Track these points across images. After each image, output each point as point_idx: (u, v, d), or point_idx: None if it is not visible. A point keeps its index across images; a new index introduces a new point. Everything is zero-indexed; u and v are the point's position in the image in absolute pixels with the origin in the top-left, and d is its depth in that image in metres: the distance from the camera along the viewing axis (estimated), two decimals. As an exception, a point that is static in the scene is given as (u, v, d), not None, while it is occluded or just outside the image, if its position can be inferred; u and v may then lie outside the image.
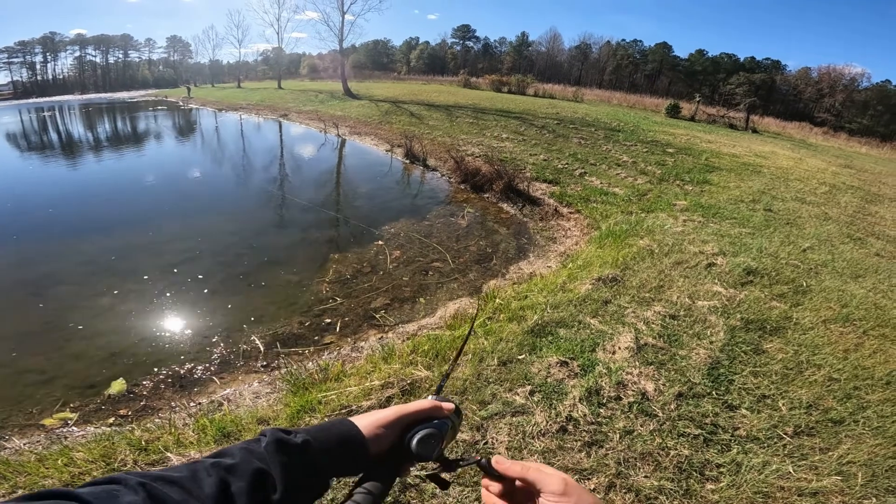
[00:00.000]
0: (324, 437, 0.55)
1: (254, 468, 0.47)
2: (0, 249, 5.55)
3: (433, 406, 0.63)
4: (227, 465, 0.46)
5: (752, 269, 4.15)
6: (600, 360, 2.61)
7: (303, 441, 0.52)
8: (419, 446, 0.58)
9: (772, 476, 1.98)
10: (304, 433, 0.54)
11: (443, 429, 0.61)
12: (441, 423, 0.62)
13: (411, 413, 0.61)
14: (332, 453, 0.54)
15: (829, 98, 48.72)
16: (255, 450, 0.50)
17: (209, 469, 0.45)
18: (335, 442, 0.55)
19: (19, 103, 43.23)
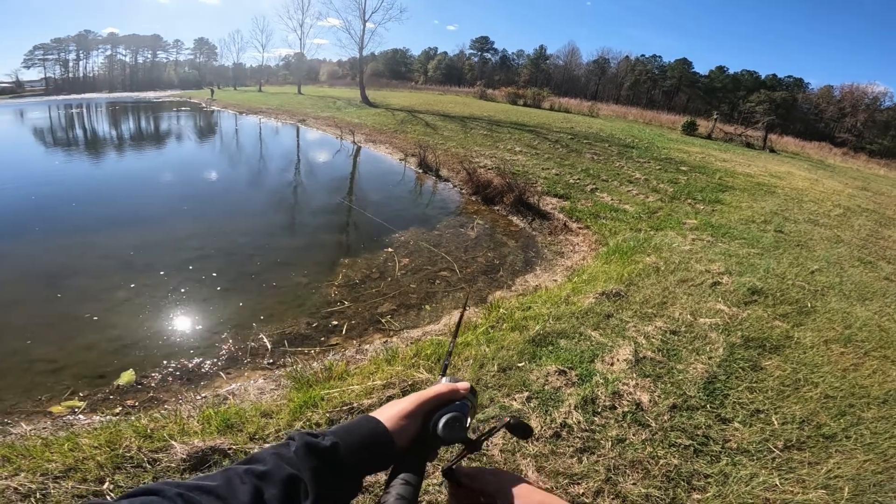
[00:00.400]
0: (351, 438, 0.55)
1: (286, 474, 0.48)
2: (22, 242, 5.79)
3: (450, 389, 0.64)
4: (259, 471, 0.47)
5: (756, 289, 4.18)
6: (598, 370, 2.68)
7: (332, 444, 0.53)
8: (446, 430, 0.59)
9: (758, 488, 2.03)
10: (331, 435, 0.55)
11: (465, 410, 0.62)
12: (461, 404, 0.63)
13: (431, 398, 0.62)
14: (360, 453, 0.55)
15: (851, 118, 48.00)
16: (285, 455, 0.51)
17: (243, 476, 0.46)
18: (363, 441, 0.56)
19: (49, 99, 44.81)
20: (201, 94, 40.65)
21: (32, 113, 27.08)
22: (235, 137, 17.72)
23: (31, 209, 7.18)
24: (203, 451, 1.87)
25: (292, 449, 0.51)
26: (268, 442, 2.02)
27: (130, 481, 1.75)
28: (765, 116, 34.40)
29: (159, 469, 1.80)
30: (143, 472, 1.79)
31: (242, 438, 2.01)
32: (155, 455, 1.85)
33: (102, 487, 1.69)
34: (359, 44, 28.17)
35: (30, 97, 53.69)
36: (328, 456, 0.52)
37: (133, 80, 73.89)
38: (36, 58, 70.09)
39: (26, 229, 6.19)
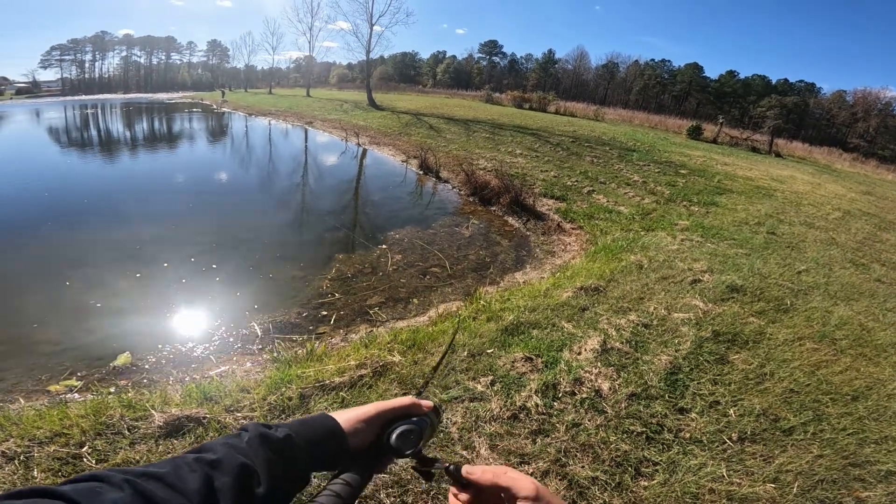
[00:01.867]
0: (305, 432, 0.56)
1: (238, 463, 0.47)
2: (36, 234, 6.05)
3: (412, 403, 0.65)
4: (210, 459, 0.47)
5: (736, 287, 4.24)
6: (564, 358, 2.78)
7: (285, 436, 0.53)
8: (398, 441, 0.59)
9: (705, 478, 2.10)
10: (285, 427, 0.55)
11: (422, 425, 0.62)
12: (420, 420, 0.63)
13: (390, 409, 0.62)
14: (313, 447, 0.55)
15: (863, 123, 47.38)
16: (237, 445, 0.50)
17: (192, 464, 0.45)
18: (316, 436, 0.56)
19: (66, 100, 45.82)
20: (213, 95, 41.35)
21: (49, 113, 27.77)
22: (245, 139, 18.05)
23: (45, 204, 7.47)
24: (180, 419, 2.01)
25: (245, 439, 0.51)
26: (241, 413, 2.16)
27: (109, 446, 1.89)
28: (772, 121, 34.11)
29: (137, 436, 1.95)
30: (122, 438, 1.94)
31: (218, 409, 2.15)
32: (135, 423, 2.00)
33: (81, 451, 1.84)
34: (366, 47, 28.53)
35: (46, 97, 54.95)
36: (281, 447, 0.52)
37: (147, 81, 75.28)
38: (53, 58, 71.66)
39: (40, 223, 6.46)
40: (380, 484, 1.90)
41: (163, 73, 78.42)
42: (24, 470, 1.76)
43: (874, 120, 47.34)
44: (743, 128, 32.21)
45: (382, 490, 1.88)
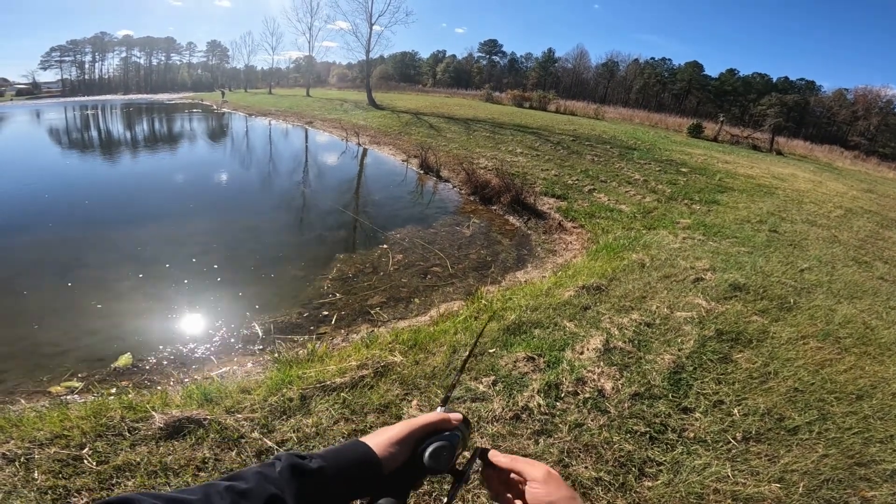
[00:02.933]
0: (338, 462, 0.55)
1: (268, 494, 0.47)
2: (37, 236, 6.05)
3: (441, 419, 0.64)
4: (241, 489, 0.46)
5: (738, 285, 4.22)
6: (566, 358, 2.76)
7: (318, 467, 0.53)
8: (431, 460, 0.58)
9: (709, 478, 2.09)
10: (319, 458, 0.54)
11: (454, 441, 0.62)
12: (452, 434, 0.63)
13: (421, 427, 0.62)
14: (347, 477, 0.54)
15: (864, 121, 47.32)
16: (269, 475, 0.50)
17: (223, 493, 0.45)
18: (351, 465, 0.55)
19: (66, 101, 45.85)
20: (213, 96, 41.33)
21: (49, 114, 27.77)
22: (245, 139, 18.04)
23: (45, 206, 7.46)
24: (180, 420, 2.00)
25: (277, 469, 0.51)
26: (242, 415, 2.14)
27: (109, 448, 1.88)
28: (773, 119, 34.06)
29: (137, 437, 1.94)
30: (122, 440, 1.93)
31: (219, 411, 2.14)
32: (135, 424, 1.99)
33: (82, 453, 1.83)
34: (365, 47, 28.50)
35: (47, 98, 54.99)
36: (314, 478, 0.51)
37: (147, 81, 75.29)
38: (53, 59, 71.64)
39: (40, 224, 6.46)
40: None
41: (163, 73, 78.42)
42: (25, 472, 1.75)
43: (875, 118, 47.29)
44: (744, 126, 32.18)
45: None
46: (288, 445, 2.05)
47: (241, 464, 1.94)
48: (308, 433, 2.12)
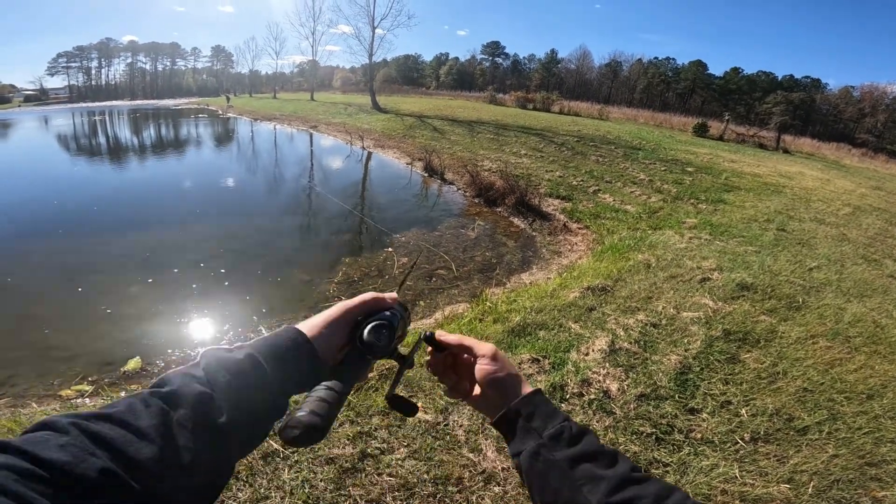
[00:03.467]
0: (268, 349, 0.49)
1: (195, 392, 0.43)
2: (47, 242, 6.14)
3: (375, 297, 0.61)
4: (164, 392, 0.42)
5: (746, 285, 4.19)
6: (571, 359, 2.75)
7: (245, 356, 0.48)
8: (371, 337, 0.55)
9: (717, 479, 2.07)
10: (248, 347, 0.49)
11: (393, 320, 0.58)
12: (391, 314, 0.60)
13: (356, 305, 0.59)
14: (278, 362, 0.49)
15: (871, 118, 46.87)
16: (195, 373, 0.45)
17: (147, 399, 0.41)
18: (282, 351, 0.50)
19: (73, 107, 46.44)
20: (218, 101, 41.65)
21: (57, 120, 28.16)
22: (251, 144, 18.18)
23: (56, 212, 7.56)
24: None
25: (202, 366, 0.46)
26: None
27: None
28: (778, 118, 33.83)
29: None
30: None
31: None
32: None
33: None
34: (368, 50, 28.63)
35: (54, 104, 55.72)
36: (243, 370, 0.46)
37: (153, 87, 76.07)
38: (59, 65, 72.60)
39: (51, 231, 6.55)
40: (386, 487, 1.89)
41: (168, 79, 79.23)
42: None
43: (882, 115, 46.83)
44: (749, 124, 31.97)
45: (389, 493, 1.87)
46: (292, 448, 2.06)
47: (246, 465, 1.96)
48: (314, 436, 2.12)
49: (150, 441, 0.38)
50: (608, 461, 0.51)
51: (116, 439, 0.36)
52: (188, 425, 0.41)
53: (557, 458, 0.51)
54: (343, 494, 1.88)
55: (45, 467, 0.32)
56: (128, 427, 0.38)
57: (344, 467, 1.99)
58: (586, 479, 0.49)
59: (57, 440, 0.34)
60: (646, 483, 0.49)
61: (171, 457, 0.38)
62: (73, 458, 0.33)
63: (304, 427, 0.45)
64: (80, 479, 0.32)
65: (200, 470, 0.41)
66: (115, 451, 0.36)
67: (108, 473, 0.34)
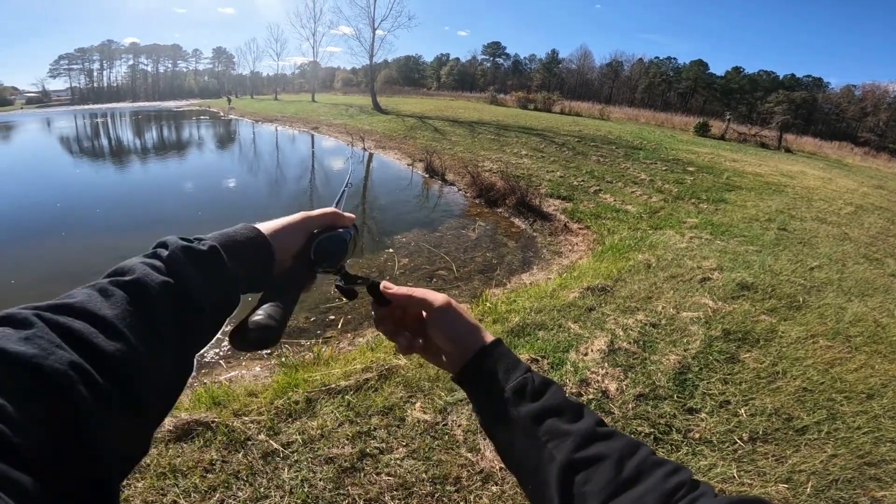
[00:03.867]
0: (230, 244, 0.49)
1: (158, 281, 0.41)
2: (49, 244, 6.18)
3: (335, 212, 0.61)
4: (125, 281, 0.40)
5: (746, 284, 4.19)
6: (570, 359, 2.76)
7: (209, 247, 0.46)
8: (323, 250, 0.56)
9: (715, 479, 2.08)
10: (210, 240, 0.48)
11: (346, 237, 0.60)
12: (345, 231, 0.61)
13: (316, 216, 0.59)
14: (238, 257, 0.48)
15: (873, 117, 46.72)
16: (155, 263, 0.43)
17: (107, 289, 0.39)
18: (243, 247, 0.50)
19: (76, 109, 46.66)
20: (220, 103, 41.79)
21: (60, 122, 28.32)
22: (253, 145, 18.23)
23: (58, 214, 7.60)
24: (189, 423, 2.03)
25: (164, 255, 0.44)
26: (249, 417, 2.17)
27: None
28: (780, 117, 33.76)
29: (146, 441, 1.97)
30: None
31: (227, 413, 2.17)
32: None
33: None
34: (369, 51, 28.69)
35: (56, 106, 55.95)
36: (206, 261, 0.45)
37: (155, 89, 76.38)
38: (61, 67, 72.94)
39: (53, 232, 6.60)
40: (385, 486, 1.90)
41: (170, 80, 79.56)
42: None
43: (884, 114, 46.71)
44: (751, 124, 31.90)
45: (388, 492, 1.88)
46: (293, 447, 2.07)
47: (247, 465, 1.97)
48: (313, 435, 2.14)
49: (116, 333, 0.36)
50: (573, 415, 0.48)
51: (83, 331, 0.34)
52: (152, 317, 0.39)
53: (522, 413, 0.48)
54: (342, 494, 1.89)
55: (9, 362, 0.29)
56: (91, 318, 0.36)
57: (343, 467, 2.00)
58: (551, 434, 0.47)
59: (20, 333, 0.32)
60: (612, 439, 0.47)
61: (137, 350, 0.36)
62: (40, 351, 0.31)
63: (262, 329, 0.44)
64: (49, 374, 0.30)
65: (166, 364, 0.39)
66: (82, 344, 0.33)
67: (77, 368, 0.31)
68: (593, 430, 0.47)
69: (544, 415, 0.48)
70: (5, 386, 0.28)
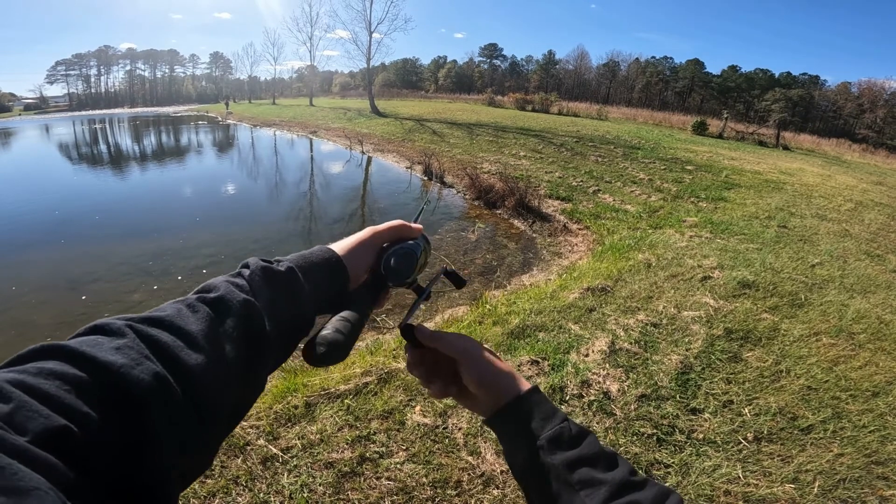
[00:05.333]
0: (307, 265, 0.51)
1: (240, 299, 0.43)
2: (49, 251, 6.16)
3: (403, 224, 0.62)
4: (211, 298, 0.43)
5: (748, 283, 4.16)
6: (571, 361, 2.73)
7: (287, 269, 0.49)
8: (395, 264, 0.56)
9: (720, 479, 2.05)
10: (287, 261, 0.50)
11: (416, 249, 0.59)
12: (415, 243, 0.60)
13: (384, 230, 0.60)
14: (316, 280, 0.50)
15: (870, 114, 46.80)
16: (238, 282, 0.46)
17: (194, 305, 0.42)
18: (319, 267, 0.52)
19: (74, 115, 46.70)
20: (218, 107, 41.82)
21: (58, 129, 28.36)
22: (251, 150, 18.23)
23: (57, 221, 7.58)
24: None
25: (247, 274, 0.47)
26: (247, 422, 2.15)
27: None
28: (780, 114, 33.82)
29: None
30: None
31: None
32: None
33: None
34: (366, 55, 28.72)
35: (54, 113, 56.00)
36: (285, 281, 0.48)
37: (153, 94, 76.49)
38: (58, 73, 73.01)
39: (52, 240, 6.58)
40: (385, 491, 1.87)
41: (167, 86, 79.68)
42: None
43: (881, 110, 46.78)
44: (748, 122, 31.95)
45: (388, 497, 1.85)
46: (293, 452, 2.05)
47: (246, 471, 1.94)
48: (313, 440, 2.12)
49: (199, 348, 0.38)
50: (607, 464, 0.49)
51: (169, 344, 0.36)
52: (234, 334, 0.41)
53: (556, 461, 0.49)
54: (342, 499, 1.86)
55: (100, 371, 0.32)
56: (178, 332, 0.38)
57: (343, 471, 1.97)
58: (584, 483, 0.47)
59: (112, 343, 0.34)
60: (644, 488, 0.47)
61: (217, 365, 0.38)
62: (129, 361, 0.33)
63: (329, 344, 0.45)
64: (134, 384, 0.32)
65: (241, 380, 0.41)
66: (168, 356, 0.36)
67: (160, 378, 0.33)
68: (627, 479, 0.48)
69: (579, 463, 0.49)
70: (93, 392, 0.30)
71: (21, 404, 0.27)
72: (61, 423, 0.28)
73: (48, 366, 0.31)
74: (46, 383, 0.29)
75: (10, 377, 0.29)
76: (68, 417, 0.28)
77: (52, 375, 0.30)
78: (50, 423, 0.27)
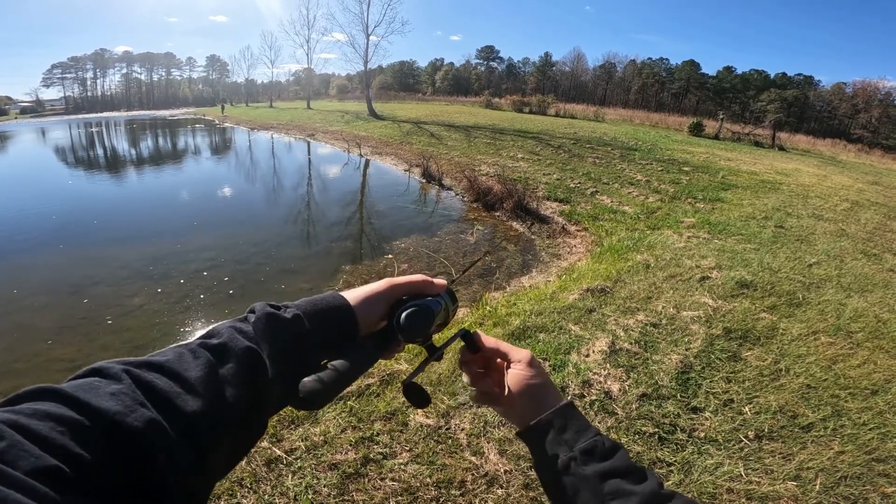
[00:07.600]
0: (313, 311, 0.51)
1: (242, 346, 0.44)
2: (48, 256, 6.15)
3: (424, 280, 0.59)
4: (213, 345, 0.43)
5: (746, 283, 4.19)
6: (572, 361, 2.75)
7: (293, 316, 0.49)
8: (407, 322, 0.53)
9: (722, 477, 2.06)
10: (294, 308, 0.50)
11: (435, 307, 0.57)
12: (434, 301, 0.58)
13: (402, 284, 0.58)
14: (322, 327, 0.50)
15: (865, 114, 47.14)
16: (243, 328, 0.46)
17: (196, 351, 0.42)
18: (324, 315, 0.51)
19: (70, 118, 46.58)
20: (215, 111, 41.79)
21: (54, 132, 28.27)
22: (248, 154, 18.23)
23: (55, 227, 7.57)
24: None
25: (252, 320, 0.47)
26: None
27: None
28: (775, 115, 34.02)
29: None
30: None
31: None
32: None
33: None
34: (363, 57, 28.79)
35: (51, 116, 55.83)
36: (290, 328, 0.48)
37: (149, 97, 76.33)
38: (55, 76, 72.76)
39: (52, 245, 6.57)
40: (389, 492, 1.88)
41: (164, 89, 79.54)
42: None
43: (876, 110, 47.13)
44: (744, 123, 32.10)
45: (392, 498, 1.86)
46: (297, 454, 2.05)
47: (251, 473, 1.95)
48: (316, 441, 2.13)
49: (197, 394, 0.38)
50: (638, 477, 0.51)
51: (166, 390, 0.37)
52: (234, 381, 0.41)
53: (588, 472, 0.50)
54: (346, 500, 1.87)
55: (93, 416, 0.32)
56: (177, 378, 0.39)
57: (347, 472, 1.98)
58: (615, 494, 0.49)
59: (108, 388, 0.35)
60: (672, 500, 0.50)
61: (215, 411, 0.39)
62: (123, 408, 0.33)
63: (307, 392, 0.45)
64: (128, 430, 0.33)
65: (240, 425, 0.42)
66: (163, 403, 0.36)
67: (153, 424, 0.34)
68: (656, 491, 0.49)
69: (610, 475, 0.50)
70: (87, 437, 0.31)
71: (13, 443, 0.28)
72: (52, 463, 0.28)
73: (42, 407, 0.31)
74: (40, 424, 0.30)
75: (4, 417, 0.30)
76: (60, 458, 0.29)
77: (47, 417, 0.31)
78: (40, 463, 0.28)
